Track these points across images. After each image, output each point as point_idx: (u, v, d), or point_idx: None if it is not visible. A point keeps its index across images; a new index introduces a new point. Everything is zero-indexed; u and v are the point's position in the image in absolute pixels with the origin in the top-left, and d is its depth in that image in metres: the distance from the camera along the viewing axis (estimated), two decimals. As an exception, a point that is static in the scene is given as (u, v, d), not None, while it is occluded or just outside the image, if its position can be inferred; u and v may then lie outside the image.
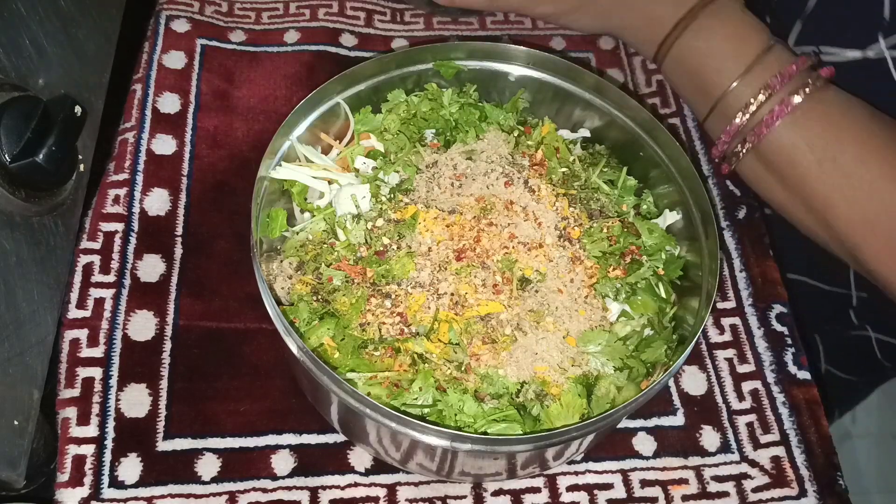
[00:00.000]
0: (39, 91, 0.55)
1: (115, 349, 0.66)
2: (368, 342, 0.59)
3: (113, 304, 0.68)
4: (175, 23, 0.84)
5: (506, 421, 0.56)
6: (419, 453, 0.57)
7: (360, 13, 0.89)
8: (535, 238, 0.62)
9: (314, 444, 0.64)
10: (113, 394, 0.64)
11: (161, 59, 0.82)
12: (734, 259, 0.77)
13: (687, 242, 0.66)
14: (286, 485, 0.62)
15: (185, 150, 0.77)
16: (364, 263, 0.61)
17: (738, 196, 0.81)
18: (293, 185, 0.66)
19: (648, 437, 0.67)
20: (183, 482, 0.61)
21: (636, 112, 0.68)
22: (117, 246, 0.70)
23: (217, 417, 0.64)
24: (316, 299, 0.61)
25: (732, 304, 0.75)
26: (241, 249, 0.72)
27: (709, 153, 0.83)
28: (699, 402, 0.70)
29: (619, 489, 0.65)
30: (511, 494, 0.64)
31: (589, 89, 0.70)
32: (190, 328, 0.68)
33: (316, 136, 0.69)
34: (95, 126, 0.64)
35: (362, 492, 0.62)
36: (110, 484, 0.60)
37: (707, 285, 0.61)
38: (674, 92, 0.87)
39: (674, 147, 0.66)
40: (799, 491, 0.66)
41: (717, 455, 0.67)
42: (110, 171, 0.74)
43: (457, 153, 0.67)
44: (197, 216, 0.74)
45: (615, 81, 0.88)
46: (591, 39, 0.91)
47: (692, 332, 0.59)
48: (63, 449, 0.61)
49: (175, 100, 0.80)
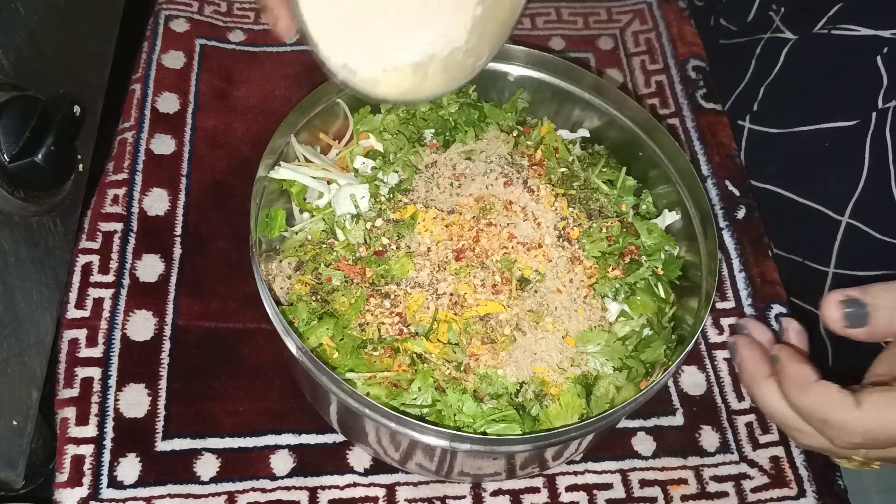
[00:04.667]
0: (38, 90, 0.55)
1: (113, 349, 0.66)
2: (367, 342, 0.59)
3: (112, 304, 0.68)
4: (174, 23, 0.84)
5: (505, 421, 0.56)
6: (418, 453, 0.57)
7: (360, 13, 0.88)
8: (534, 238, 0.62)
9: (313, 445, 0.64)
10: (112, 394, 0.64)
11: (160, 59, 0.82)
12: (733, 259, 0.77)
13: (686, 242, 0.66)
14: (285, 485, 0.62)
15: (185, 149, 0.77)
16: (363, 263, 0.61)
17: (738, 196, 0.81)
18: (292, 185, 0.65)
19: (648, 437, 0.67)
20: (182, 482, 0.61)
21: (635, 112, 0.68)
22: (116, 246, 0.70)
23: (216, 417, 0.64)
24: (315, 299, 0.61)
25: (732, 304, 0.75)
26: (241, 249, 0.72)
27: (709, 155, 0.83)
28: (698, 402, 0.70)
29: (619, 489, 0.65)
30: (510, 494, 0.64)
31: (588, 89, 0.70)
32: (189, 328, 0.68)
33: (315, 136, 0.69)
34: (94, 126, 0.64)
35: (361, 492, 0.62)
36: (109, 484, 0.60)
37: (706, 285, 0.61)
38: (672, 92, 0.87)
39: (673, 147, 0.66)
40: (798, 491, 0.66)
41: (717, 455, 0.67)
42: (109, 170, 0.74)
43: (456, 153, 0.67)
44: (196, 216, 0.74)
45: (614, 82, 0.88)
46: (590, 39, 0.91)
47: (691, 332, 0.59)
48: (62, 449, 0.61)
49: (174, 99, 0.80)
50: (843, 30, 0.75)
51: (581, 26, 0.93)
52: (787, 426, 0.57)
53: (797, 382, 0.53)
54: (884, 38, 0.73)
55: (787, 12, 0.83)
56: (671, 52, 0.91)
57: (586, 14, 0.94)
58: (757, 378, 0.57)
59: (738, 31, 0.90)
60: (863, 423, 0.51)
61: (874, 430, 0.51)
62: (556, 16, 0.93)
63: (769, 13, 0.83)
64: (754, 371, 0.57)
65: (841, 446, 0.53)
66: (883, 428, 0.51)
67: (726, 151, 0.84)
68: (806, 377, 0.53)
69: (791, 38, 0.81)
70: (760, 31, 0.86)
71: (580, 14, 0.94)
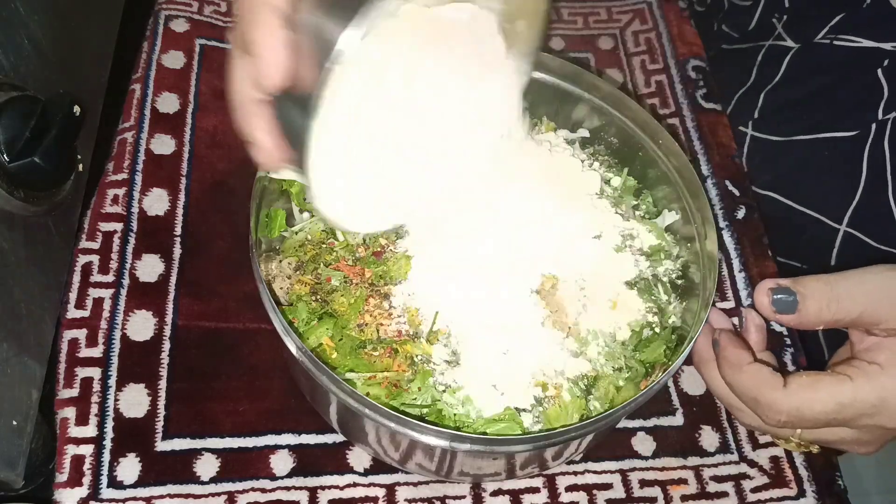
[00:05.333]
0: (38, 90, 0.55)
1: (113, 349, 0.66)
2: (367, 342, 0.59)
3: (112, 304, 0.67)
4: (174, 22, 0.84)
5: (505, 421, 0.56)
6: (418, 453, 0.57)
7: (360, 13, 0.88)
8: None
9: (313, 445, 0.64)
10: (112, 394, 0.64)
11: (160, 59, 0.82)
12: (733, 259, 0.77)
13: (686, 242, 0.66)
14: (285, 485, 0.62)
15: (184, 149, 0.77)
16: (362, 264, 0.61)
17: (738, 196, 0.81)
18: (292, 185, 0.65)
19: (647, 437, 0.67)
20: (182, 482, 0.61)
21: (635, 112, 0.68)
22: (116, 246, 0.70)
23: (216, 417, 0.64)
24: (315, 299, 0.61)
25: (731, 304, 0.75)
26: (240, 249, 0.72)
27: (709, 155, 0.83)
28: (698, 402, 0.70)
29: (619, 489, 0.65)
30: (510, 494, 0.63)
31: (588, 89, 0.70)
32: (189, 328, 0.68)
33: (315, 136, 0.68)
34: (94, 126, 0.64)
35: (361, 492, 0.62)
36: (109, 484, 0.60)
37: (706, 285, 0.61)
38: (672, 92, 0.87)
39: (673, 147, 0.66)
40: (798, 491, 0.66)
41: (717, 455, 0.67)
42: (109, 170, 0.74)
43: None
44: (196, 216, 0.74)
45: (614, 82, 0.88)
46: (590, 39, 0.91)
47: (691, 332, 0.59)
48: (62, 449, 0.61)
49: (174, 99, 0.80)
50: (845, 40, 0.76)
51: (581, 26, 0.93)
52: (729, 404, 0.64)
53: (732, 364, 0.59)
54: (885, 50, 0.73)
55: (789, 20, 0.83)
56: (671, 52, 0.91)
57: (586, 14, 0.94)
58: (704, 359, 0.63)
59: (740, 37, 0.90)
60: (788, 401, 0.56)
61: (800, 408, 0.56)
62: (556, 16, 0.93)
63: (772, 20, 0.83)
64: (703, 353, 0.63)
65: (770, 423, 0.58)
66: (809, 406, 0.55)
67: (726, 151, 0.84)
68: (741, 359, 0.58)
69: (793, 46, 0.81)
70: (762, 39, 0.86)
71: (580, 14, 0.94)
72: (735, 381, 0.59)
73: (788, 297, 0.57)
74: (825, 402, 0.55)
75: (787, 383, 0.56)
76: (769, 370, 0.57)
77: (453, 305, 0.59)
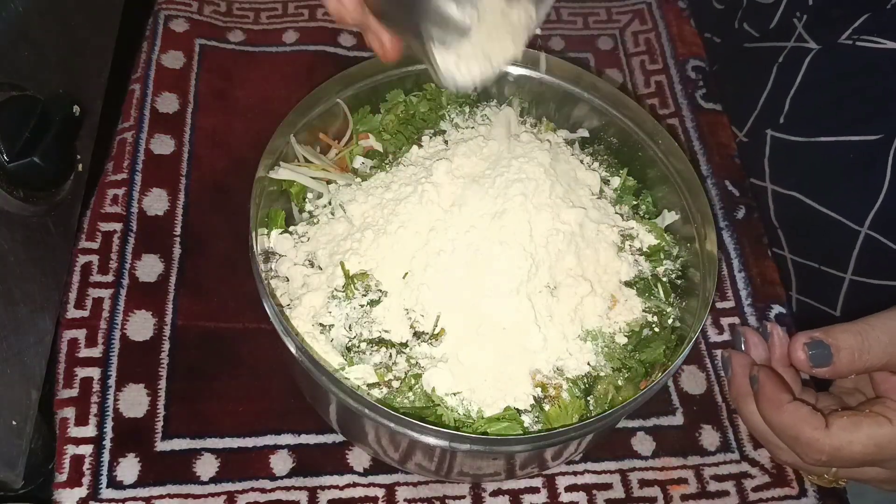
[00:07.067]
0: (38, 90, 0.55)
1: (113, 349, 0.66)
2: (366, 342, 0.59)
3: (111, 304, 0.67)
4: (173, 22, 0.84)
5: (505, 421, 0.56)
6: (418, 453, 0.57)
7: (359, 13, 0.88)
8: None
9: (313, 445, 0.64)
10: (111, 394, 0.64)
11: (160, 59, 0.82)
12: (733, 259, 0.77)
13: (686, 242, 0.66)
14: (285, 485, 0.62)
15: (184, 150, 0.77)
16: (363, 263, 0.61)
17: (737, 196, 0.81)
18: (292, 185, 0.65)
19: (647, 437, 0.67)
20: (181, 482, 0.61)
21: (635, 112, 0.68)
22: (116, 246, 0.70)
23: (215, 417, 0.64)
24: (315, 299, 0.60)
25: (731, 304, 0.75)
26: (240, 249, 0.71)
27: (708, 155, 0.83)
28: (698, 402, 0.70)
29: (618, 489, 0.65)
30: (510, 494, 0.63)
31: (588, 89, 0.70)
32: (188, 328, 0.68)
33: (314, 136, 0.68)
34: (94, 126, 0.64)
35: (361, 492, 0.62)
36: (108, 484, 0.60)
37: (706, 285, 0.61)
38: (672, 92, 0.87)
39: (672, 147, 0.66)
40: (799, 490, 0.66)
41: (717, 454, 0.67)
42: (109, 170, 0.74)
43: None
44: (195, 216, 0.74)
45: (614, 82, 0.88)
46: (589, 39, 0.91)
47: (691, 333, 0.59)
48: (61, 449, 0.61)
49: (173, 100, 0.80)
50: (869, 42, 0.75)
51: (580, 26, 0.93)
52: (766, 441, 0.64)
53: (772, 402, 0.59)
54: None
55: (811, 20, 0.82)
56: (671, 53, 0.91)
57: (586, 14, 0.94)
58: (742, 394, 0.63)
59: (761, 36, 0.89)
60: (829, 442, 0.56)
61: (840, 448, 0.56)
62: (555, 16, 0.93)
63: (793, 20, 0.83)
64: (741, 388, 0.63)
65: (809, 462, 0.58)
66: (849, 447, 0.56)
67: (726, 151, 0.84)
68: (780, 397, 0.59)
69: (814, 47, 0.80)
70: (783, 39, 0.84)
71: (580, 14, 0.94)
72: (774, 420, 0.59)
73: (824, 351, 0.57)
74: (865, 444, 0.56)
75: (829, 424, 0.56)
76: (809, 409, 0.57)
77: (453, 305, 0.59)
